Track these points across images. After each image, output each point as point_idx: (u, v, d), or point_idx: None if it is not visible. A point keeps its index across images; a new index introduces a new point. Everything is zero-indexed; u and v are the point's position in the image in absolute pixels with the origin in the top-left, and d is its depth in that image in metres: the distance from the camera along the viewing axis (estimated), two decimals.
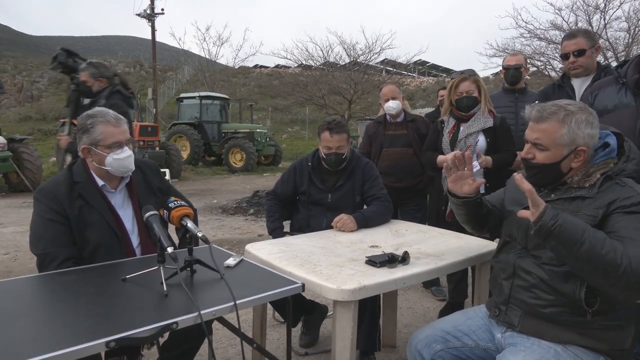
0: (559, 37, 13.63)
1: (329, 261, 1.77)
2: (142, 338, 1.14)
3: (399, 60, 24.57)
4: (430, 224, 2.88)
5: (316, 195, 2.57)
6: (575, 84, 2.60)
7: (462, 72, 2.81)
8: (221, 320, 1.45)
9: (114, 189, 1.87)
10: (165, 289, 1.37)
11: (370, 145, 3.45)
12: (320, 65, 23.44)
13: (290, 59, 24.10)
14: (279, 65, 36.19)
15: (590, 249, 1.20)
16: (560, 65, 13.92)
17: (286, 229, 2.66)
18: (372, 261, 1.71)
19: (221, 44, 29.43)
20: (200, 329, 1.24)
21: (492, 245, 1.96)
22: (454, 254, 1.88)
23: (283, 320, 2.74)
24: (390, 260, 1.69)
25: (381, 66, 28.02)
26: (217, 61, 29.16)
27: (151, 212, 1.54)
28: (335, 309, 1.57)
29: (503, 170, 2.70)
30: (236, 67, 31.77)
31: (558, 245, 1.24)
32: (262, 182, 11.97)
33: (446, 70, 42.97)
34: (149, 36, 19.70)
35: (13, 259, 4.57)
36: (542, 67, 16.18)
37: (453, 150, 2.58)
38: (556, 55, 14.68)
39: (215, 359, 1.52)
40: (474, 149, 2.67)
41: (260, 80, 39.38)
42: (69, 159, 3.33)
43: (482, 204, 1.69)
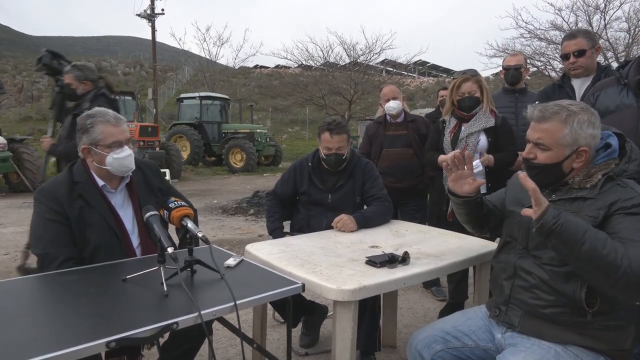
0: (559, 38, 13.64)
1: (329, 261, 1.77)
2: (143, 338, 1.14)
3: (399, 61, 24.61)
4: (431, 224, 2.88)
5: (316, 195, 2.57)
6: (576, 84, 2.60)
7: (464, 72, 2.78)
8: (221, 320, 1.46)
9: (114, 189, 1.87)
10: (165, 289, 1.37)
11: (370, 145, 3.45)
12: (320, 65, 23.44)
13: (290, 59, 24.15)
14: (279, 65, 36.17)
15: (591, 249, 1.20)
16: (560, 66, 13.92)
17: (286, 229, 2.66)
18: (372, 261, 1.71)
19: (221, 44, 29.44)
20: (201, 329, 1.24)
21: (492, 246, 1.96)
22: (454, 254, 1.88)
23: (283, 320, 2.74)
24: (390, 260, 1.70)
25: (381, 66, 28.04)
26: (217, 61, 29.17)
27: (151, 213, 1.54)
28: (335, 309, 1.57)
29: (504, 170, 2.69)
30: (236, 68, 31.77)
31: (559, 244, 1.24)
32: (262, 183, 11.97)
33: (446, 71, 42.97)
34: (149, 36, 19.72)
35: (13, 259, 4.56)
36: (542, 68, 16.19)
37: (454, 150, 2.58)
38: (556, 55, 14.70)
39: (216, 359, 1.52)
40: (474, 149, 2.67)
41: (260, 80, 39.40)
42: (52, 160, 3.26)
43: (483, 203, 1.69)
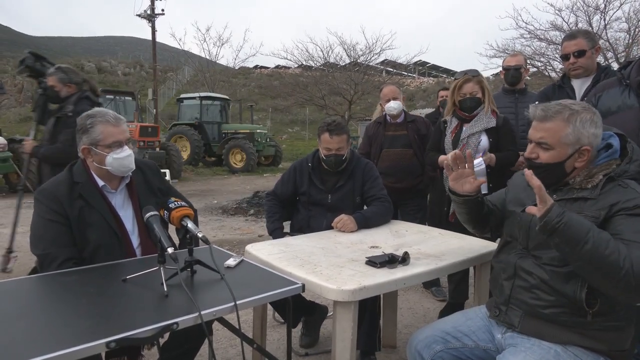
0: (559, 38, 13.64)
1: (329, 262, 1.77)
2: (143, 338, 1.14)
3: (399, 61, 24.60)
4: (431, 225, 2.88)
5: (316, 195, 2.57)
6: (576, 84, 2.60)
7: (466, 73, 2.78)
8: (221, 320, 1.45)
9: (114, 189, 1.87)
10: (165, 289, 1.37)
11: (370, 145, 3.46)
12: (320, 65, 23.42)
13: (290, 60, 24.08)
14: (279, 65, 36.12)
15: (593, 249, 1.20)
16: (560, 66, 13.92)
17: (286, 229, 2.66)
18: (372, 262, 1.71)
19: (221, 45, 29.28)
20: (201, 330, 1.24)
21: (492, 246, 1.96)
22: (454, 255, 1.88)
23: (283, 320, 2.74)
24: (390, 260, 1.70)
25: (381, 67, 28.04)
26: (218, 62, 29.12)
27: (151, 213, 1.54)
28: (335, 309, 1.57)
29: (505, 171, 2.69)
30: (236, 68, 31.74)
31: (561, 243, 1.24)
32: (262, 183, 11.97)
33: (446, 71, 42.96)
34: (149, 37, 19.72)
35: (13, 259, 4.56)
36: (542, 68, 16.19)
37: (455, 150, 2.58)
38: (556, 55, 14.69)
39: (216, 359, 1.52)
40: (475, 149, 2.67)
41: (260, 80, 39.38)
42: (33, 162, 3.22)
43: (484, 203, 1.69)
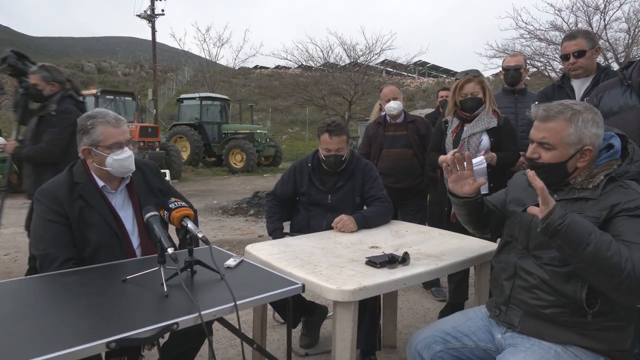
0: (559, 38, 13.65)
1: (329, 262, 1.77)
2: (143, 339, 1.14)
3: (399, 61, 24.62)
4: (431, 225, 2.88)
5: (316, 196, 2.57)
6: (575, 84, 2.60)
7: (467, 73, 2.78)
8: (221, 320, 1.45)
9: (114, 189, 1.87)
10: (165, 289, 1.37)
11: (369, 146, 3.46)
12: (320, 66, 23.44)
13: (290, 60, 24.09)
14: (279, 66, 36.12)
15: (595, 251, 1.20)
16: (560, 66, 13.93)
17: (286, 229, 2.66)
18: (372, 262, 1.71)
19: (221, 45, 29.25)
20: (201, 330, 1.24)
21: (493, 246, 1.96)
22: (454, 255, 1.88)
23: (283, 321, 2.74)
24: (390, 261, 1.70)
25: (381, 67, 28.07)
26: (218, 62, 29.12)
27: (152, 213, 1.54)
28: (335, 309, 1.57)
29: (506, 171, 2.69)
30: (236, 68, 31.73)
31: (563, 244, 1.24)
32: (262, 183, 11.97)
33: (446, 71, 42.97)
34: (149, 37, 19.72)
35: (13, 259, 4.57)
36: (542, 68, 16.20)
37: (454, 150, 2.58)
38: (556, 56, 14.71)
39: (216, 359, 1.52)
40: (476, 149, 2.67)
41: (260, 81, 39.40)
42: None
43: (483, 204, 1.69)
